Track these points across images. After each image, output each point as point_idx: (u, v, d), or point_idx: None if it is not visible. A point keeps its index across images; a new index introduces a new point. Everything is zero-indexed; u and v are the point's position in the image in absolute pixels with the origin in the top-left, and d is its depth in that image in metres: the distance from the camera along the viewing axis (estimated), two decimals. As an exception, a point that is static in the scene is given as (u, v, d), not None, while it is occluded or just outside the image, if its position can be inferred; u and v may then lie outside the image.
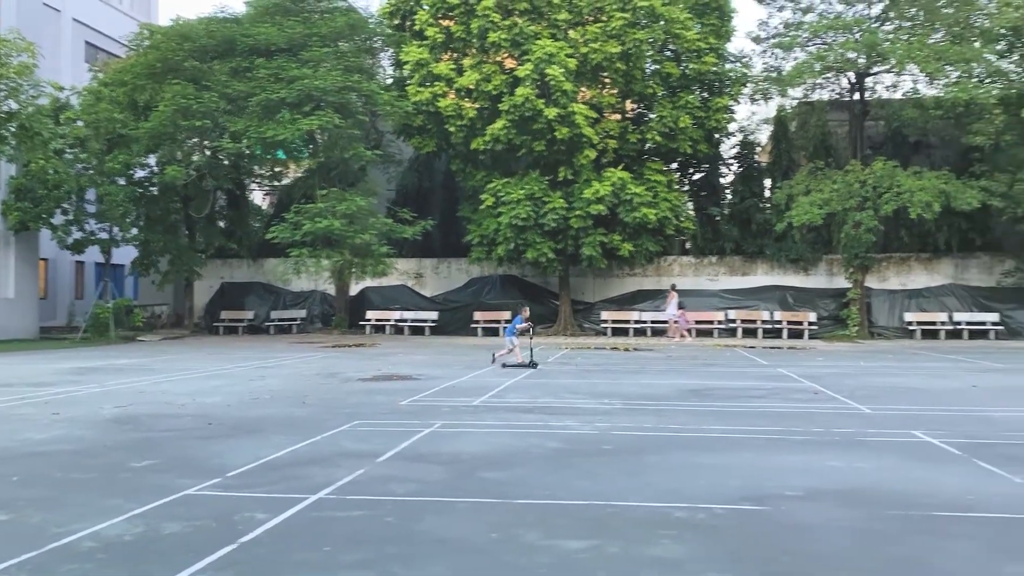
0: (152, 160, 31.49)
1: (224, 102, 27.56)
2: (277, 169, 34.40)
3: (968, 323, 28.82)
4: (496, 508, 5.69)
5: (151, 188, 31.51)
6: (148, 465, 7.19)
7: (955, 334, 28.66)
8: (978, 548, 4.90)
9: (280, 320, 32.55)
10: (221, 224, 34.73)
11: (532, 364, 16.85)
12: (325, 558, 4.66)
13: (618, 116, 29.54)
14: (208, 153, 30.31)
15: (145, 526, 5.28)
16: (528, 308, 19.13)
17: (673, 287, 29.98)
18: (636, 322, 29.99)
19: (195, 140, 29.85)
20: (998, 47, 27.23)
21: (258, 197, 41.01)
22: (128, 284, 38.55)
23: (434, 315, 31.26)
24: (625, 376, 15.38)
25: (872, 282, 30.23)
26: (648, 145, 28.37)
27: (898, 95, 30.78)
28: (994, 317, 28.69)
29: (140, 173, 31.37)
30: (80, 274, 37.50)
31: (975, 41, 27.05)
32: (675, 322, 29.09)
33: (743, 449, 7.95)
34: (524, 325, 17.58)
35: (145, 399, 11.80)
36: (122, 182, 29.71)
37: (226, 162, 30.89)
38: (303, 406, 11.06)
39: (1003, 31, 26.82)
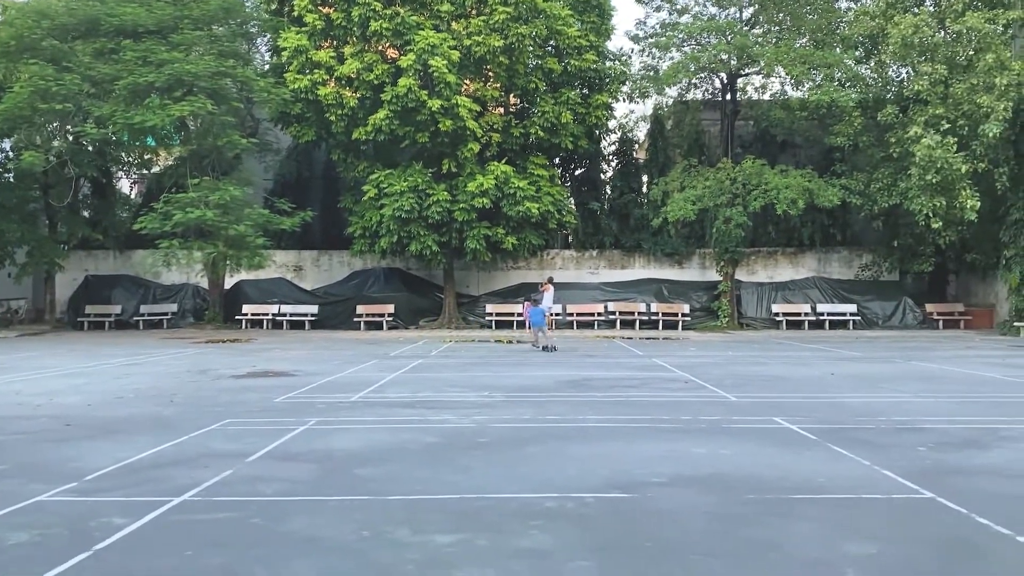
0: (7, 145, 29.55)
1: (88, 85, 26.09)
2: (146, 156, 32.85)
3: (829, 314, 30.55)
4: (367, 505, 5.64)
5: (6, 175, 29.57)
6: (-5, 471, 6.74)
7: (818, 324, 30.33)
8: (824, 528, 5.21)
9: (150, 315, 31.16)
10: (85, 214, 32.95)
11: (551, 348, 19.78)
12: (185, 563, 4.50)
13: (501, 110, 29.73)
14: (70, 139, 28.64)
15: (-12, 537, 4.95)
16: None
17: (550, 280, 30.41)
18: (519, 315, 30.26)
19: (55, 124, 28.17)
20: (856, 53, 28.94)
21: (126, 185, 39.06)
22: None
23: (314, 309, 30.62)
24: (507, 369, 15.53)
25: (741, 275, 31.60)
26: (531, 139, 28.65)
27: (767, 96, 32.29)
28: (852, 308, 30.52)
29: (-6, 158, 29.41)
30: (-76, 266, 34.74)
31: (836, 47, 28.65)
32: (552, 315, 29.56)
33: (615, 438, 8.16)
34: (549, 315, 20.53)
35: (-4, 400, 11.06)
36: (-28, 167, 27.73)
37: (90, 148, 29.27)
38: (171, 405, 10.62)
39: (861, 39, 28.52)
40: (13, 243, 29.57)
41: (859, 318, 30.27)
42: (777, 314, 30.80)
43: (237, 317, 30.45)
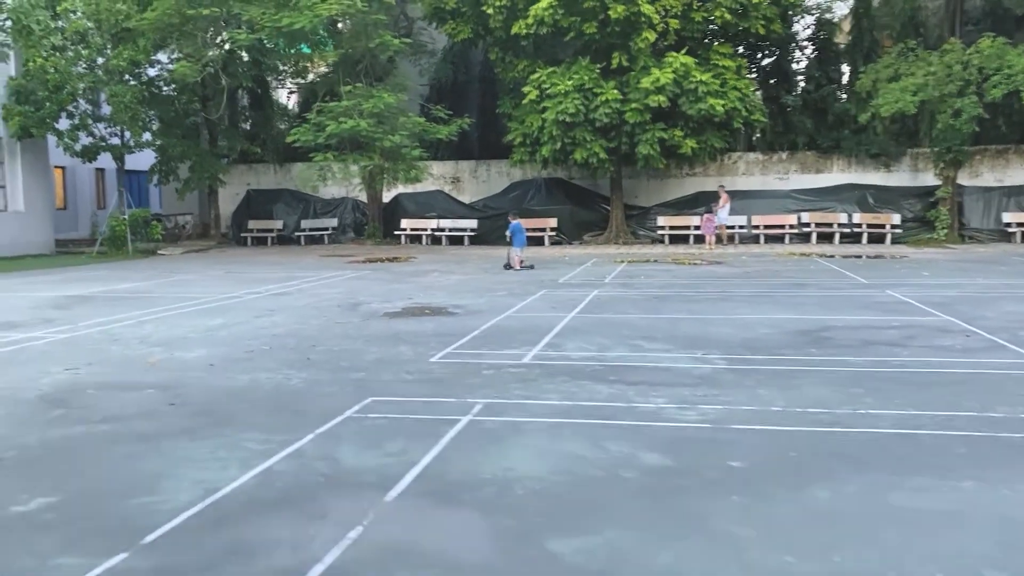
0: (164, 57, 28.80)
1: (235, -13, 24.55)
2: (301, 64, 31.39)
3: (1079, 223, 25.46)
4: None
5: (165, 88, 28.91)
6: (40, 507, 4.75)
7: (1061, 236, 25.36)
8: None
9: (311, 230, 30.23)
10: (245, 127, 32.16)
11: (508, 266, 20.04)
12: None
13: (681, -9, 25.79)
14: (225, 47, 27.41)
15: None
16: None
17: (721, 187, 26.85)
18: (697, 228, 27.01)
19: (209, 32, 26.98)
20: None
21: (283, 96, 38.14)
22: (152, 193, 36.42)
23: (473, 223, 28.58)
24: (707, 306, 12.63)
25: (963, 178, 26.86)
26: (715, 25, 24.72)
27: (1005, -41, 26.58)
28: (1109, 215, 25.27)
29: (152, 71, 28.72)
30: (100, 182, 35.48)
31: None
32: (727, 227, 26.48)
33: (948, 467, 5.18)
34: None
35: (109, 355, 9.38)
36: (132, 81, 27.10)
37: (244, 56, 28.03)
38: (305, 364, 8.60)
39: None
40: (176, 158, 29.15)
41: (1118, 229, 25.02)
42: (1009, 224, 26.06)
43: (396, 232, 28.98)
